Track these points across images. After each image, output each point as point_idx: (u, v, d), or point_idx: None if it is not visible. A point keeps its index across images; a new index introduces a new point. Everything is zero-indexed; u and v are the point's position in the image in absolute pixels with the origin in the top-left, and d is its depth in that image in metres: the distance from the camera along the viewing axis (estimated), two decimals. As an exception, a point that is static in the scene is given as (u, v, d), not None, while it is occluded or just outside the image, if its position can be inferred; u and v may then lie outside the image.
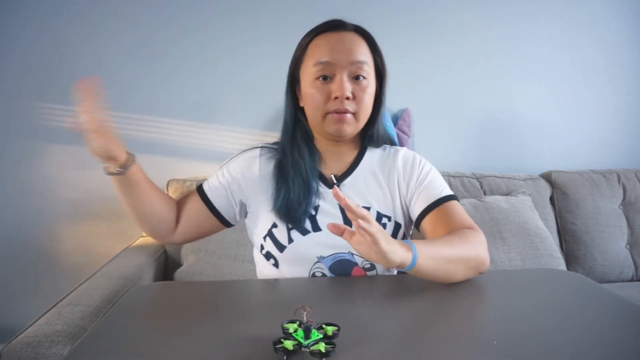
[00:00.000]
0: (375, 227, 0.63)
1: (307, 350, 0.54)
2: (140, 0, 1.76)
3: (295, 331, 0.57)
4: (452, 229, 0.84)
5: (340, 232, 0.67)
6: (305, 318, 0.57)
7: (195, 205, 0.94)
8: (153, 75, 1.79)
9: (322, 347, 0.54)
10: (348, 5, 1.81)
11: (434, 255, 0.72)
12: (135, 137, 1.80)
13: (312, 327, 0.56)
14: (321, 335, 0.56)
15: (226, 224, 0.96)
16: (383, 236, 0.64)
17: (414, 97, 1.91)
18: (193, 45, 1.79)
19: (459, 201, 0.91)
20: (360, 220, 0.62)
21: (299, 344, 0.54)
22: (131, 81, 1.79)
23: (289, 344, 0.54)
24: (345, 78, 0.85)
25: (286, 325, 0.58)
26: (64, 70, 1.75)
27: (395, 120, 1.89)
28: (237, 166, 0.94)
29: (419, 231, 0.92)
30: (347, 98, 0.85)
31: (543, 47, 1.96)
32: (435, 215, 0.87)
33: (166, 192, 1.64)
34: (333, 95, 0.85)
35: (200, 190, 0.95)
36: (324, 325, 0.58)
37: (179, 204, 0.95)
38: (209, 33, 1.80)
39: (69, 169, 1.78)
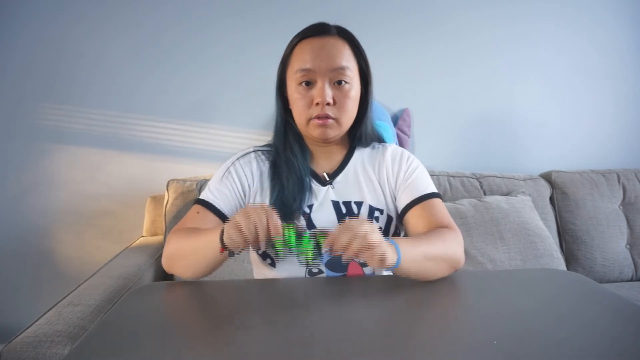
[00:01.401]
0: (373, 237, 0.64)
1: (297, 251, 0.56)
2: (142, 2, 1.76)
3: (289, 237, 0.58)
4: (432, 226, 0.86)
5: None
6: (301, 227, 0.59)
7: (211, 221, 0.89)
8: (154, 77, 1.79)
9: (310, 254, 0.56)
10: (349, 8, 1.81)
11: (415, 257, 0.74)
12: (137, 137, 1.80)
13: (305, 233, 0.58)
14: (312, 247, 0.58)
15: None
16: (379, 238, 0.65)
17: (414, 97, 1.91)
18: (194, 48, 1.80)
19: (443, 200, 0.93)
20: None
21: (289, 248, 0.56)
22: (133, 82, 1.79)
23: (279, 246, 0.56)
24: (326, 84, 0.87)
25: (282, 227, 0.60)
26: (66, 70, 1.75)
27: (395, 120, 1.89)
28: (239, 171, 0.94)
29: (402, 224, 0.95)
30: (328, 104, 0.87)
31: (543, 48, 1.96)
32: (418, 211, 0.89)
33: (166, 192, 1.65)
34: (314, 101, 0.87)
35: (204, 203, 0.90)
36: (318, 233, 0.60)
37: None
38: (210, 35, 1.80)
39: (70, 169, 1.78)
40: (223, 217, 0.90)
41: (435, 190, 0.93)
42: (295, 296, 0.75)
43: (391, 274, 0.92)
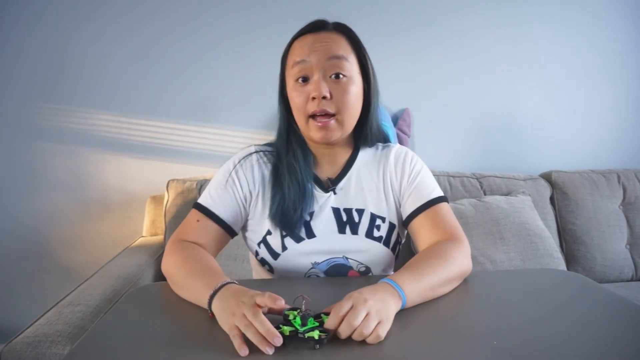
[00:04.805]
0: (370, 324, 0.57)
1: (303, 336, 0.56)
2: (145, 4, 1.76)
3: (295, 318, 0.60)
4: (438, 235, 0.84)
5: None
6: (303, 307, 0.60)
7: (212, 230, 0.87)
8: (156, 78, 1.80)
9: (316, 334, 0.56)
10: (350, 9, 1.82)
11: (421, 290, 0.70)
12: (138, 137, 1.80)
13: (309, 315, 0.59)
14: (317, 324, 0.59)
15: (233, 234, 0.91)
16: (377, 314, 0.59)
17: (414, 97, 1.92)
18: (194, 49, 1.80)
19: (448, 202, 0.90)
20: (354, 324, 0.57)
21: (296, 330, 0.57)
22: (134, 83, 1.79)
23: (286, 330, 0.57)
24: (321, 77, 0.82)
25: (287, 312, 0.61)
26: (69, 72, 1.76)
27: (395, 120, 1.89)
28: (242, 177, 0.90)
29: (406, 229, 0.92)
30: (325, 97, 0.82)
31: (542, 49, 1.96)
32: (424, 218, 0.86)
33: (166, 191, 1.65)
34: (310, 96, 0.83)
35: (204, 210, 0.87)
36: (322, 315, 0.61)
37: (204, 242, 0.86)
38: (211, 37, 1.80)
39: (71, 169, 1.79)
40: (224, 225, 0.87)
41: (440, 194, 0.89)
42: (295, 295, 0.75)
43: (391, 274, 0.92)
